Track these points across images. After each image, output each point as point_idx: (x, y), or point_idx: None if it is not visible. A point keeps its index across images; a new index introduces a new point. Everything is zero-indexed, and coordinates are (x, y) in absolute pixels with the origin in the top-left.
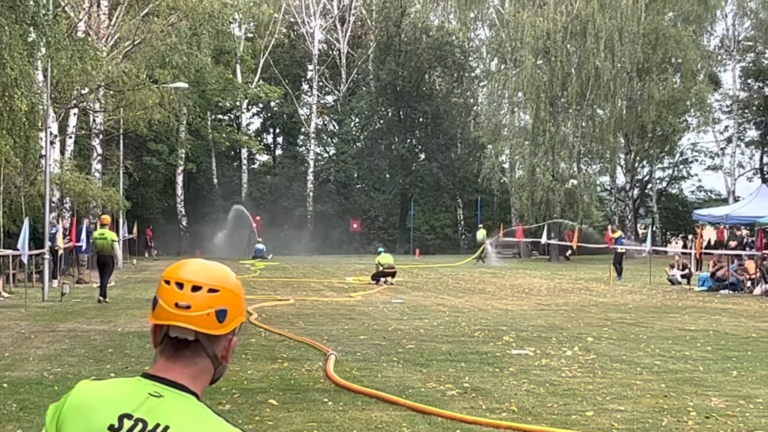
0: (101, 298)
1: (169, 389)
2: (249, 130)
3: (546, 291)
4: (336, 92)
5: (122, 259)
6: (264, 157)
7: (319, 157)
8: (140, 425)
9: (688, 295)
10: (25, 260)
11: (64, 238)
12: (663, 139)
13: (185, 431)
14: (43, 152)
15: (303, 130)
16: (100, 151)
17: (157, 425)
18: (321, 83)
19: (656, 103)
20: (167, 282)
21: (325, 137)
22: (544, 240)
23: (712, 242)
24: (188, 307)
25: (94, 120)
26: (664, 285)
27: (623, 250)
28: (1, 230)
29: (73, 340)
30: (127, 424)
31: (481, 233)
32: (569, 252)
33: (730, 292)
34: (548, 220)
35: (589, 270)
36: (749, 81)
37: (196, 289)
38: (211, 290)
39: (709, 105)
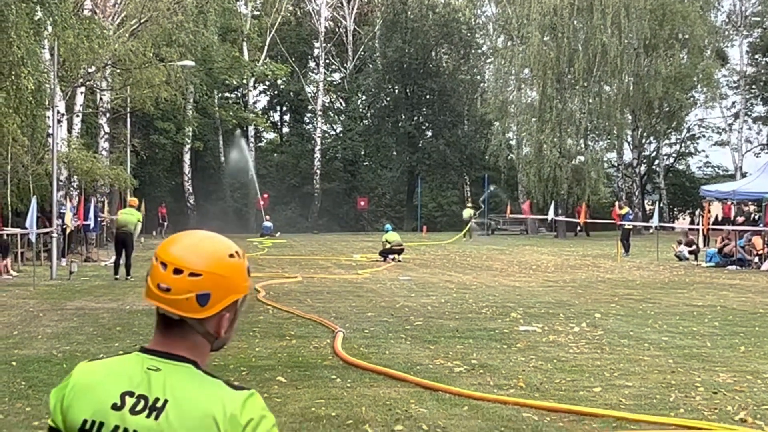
0: (127, 277)
1: (166, 362)
2: (256, 108)
3: (553, 267)
4: (342, 70)
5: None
6: (271, 135)
7: (326, 135)
8: (142, 402)
9: (696, 271)
10: (33, 239)
11: (72, 216)
12: (670, 115)
13: (183, 401)
14: (50, 131)
15: (310, 107)
16: (107, 129)
17: (157, 399)
18: (327, 61)
19: (663, 79)
20: (156, 258)
21: (332, 115)
22: (551, 216)
23: (720, 218)
24: (168, 290)
25: (101, 98)
26: (671, 261)
27: (630, 227)
28: (9, 209)
29: (82, 318)
30: (130, 401)
31: (467, 212)
32: (579, 228)
33: (738, 267)
34: (555, 197)
35: (597, 246)
36: (756, 56)
37: (177, 272)
38: (192, 274)
39: (716, 81)
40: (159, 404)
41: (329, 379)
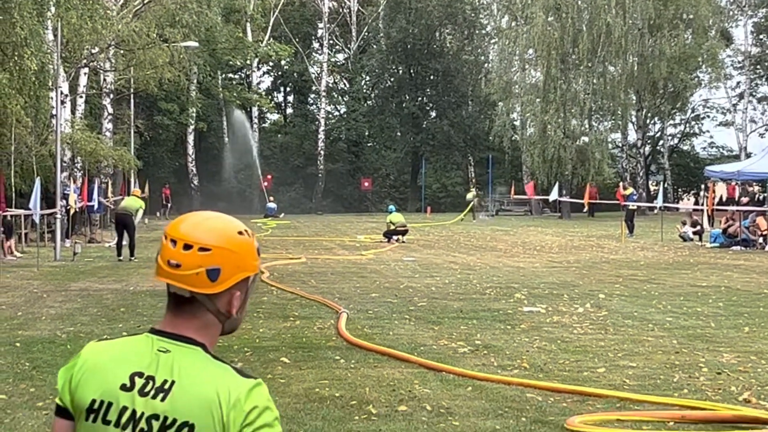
0: (131, 258)
1: (175, 344)
2: (259, 88)
3: (557, 248)
4: (346, 50)
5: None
6: (275, 116)
7: (330, 116)
8: (150, 383)
9: (700, 252)
10: (36, 220)
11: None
12: (674, 96)
13: (189, 384)
14: (53, 112)
15: (314, 88)
16: (110, 110)
17: (165, 381)
18: (331, 41)
19: (668, 60)
20: (165, 237)
21: (336, 95)
22: (554, 196)
23: (724, 198)
24: (178, 266)
25: (104, 79)
26: (675, 241)
27: (635, 207)
28: (13, 190)
29: (86, 300)
30: (139, 382)
31: (471, 194)
32: (585, 210)
33: (742, 248)
34: (559, 177)
35: (601, 227)
36: (761, 36)
37: (187, 247)
38: (202, 249)
39: (721, 61)
40: (166, 386)
41: (333, 359)
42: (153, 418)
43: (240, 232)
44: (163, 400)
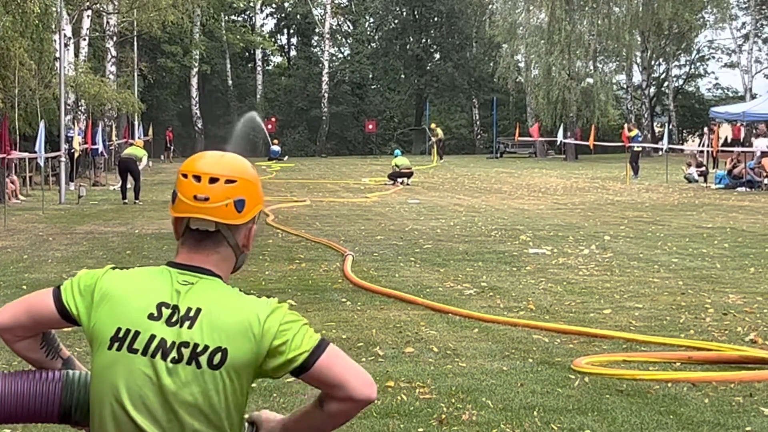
0: (136, 201)
1: (197, 276)
2: (263, 31)
3: (562, 190)
4: None
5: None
6: (278, 59)
7: (334, 58)
8: (176, 313)
9: (705, 193)
10: (41, 163)
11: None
12: (679, 37)
13: (217, 312)
14: (57, 55)
15: (317, 30)
16: (114, 53)
17: (189, 309)
18: None
19: (673, 0)
20: (185, 176)
21: (340, 38)
22: (560, 139)
23: (729, 140)
24: (207, 199)
25: (107, 22)
26: (680, 183)
27: (639, 149)
28: (17, 133)
29: (91, 242)
30: (165, 312)
31: (439, 130)
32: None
33: (747, 189)
34: (564, 119)
35: (606, 169)
36: None
37: (213, 180)
38: (228, 181)
39: (726, 1)
40: (191, 314)
41: (339, 302)
42: (183, 345)
43: (251, 167)
44: (190, 327)
